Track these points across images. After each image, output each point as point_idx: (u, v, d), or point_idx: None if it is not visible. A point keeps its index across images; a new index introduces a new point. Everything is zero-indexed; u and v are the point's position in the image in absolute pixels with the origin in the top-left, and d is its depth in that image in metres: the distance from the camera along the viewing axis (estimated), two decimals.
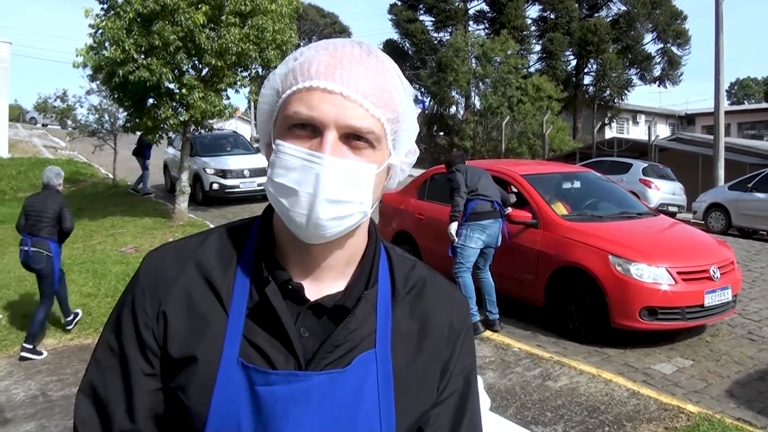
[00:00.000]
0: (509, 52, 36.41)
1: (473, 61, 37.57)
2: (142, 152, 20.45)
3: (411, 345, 1.19)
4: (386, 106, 1.08)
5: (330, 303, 1.14)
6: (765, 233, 17.67)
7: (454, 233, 7.86)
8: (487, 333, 8.00)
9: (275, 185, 1.07)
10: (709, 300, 7.51)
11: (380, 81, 1.08)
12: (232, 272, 1.16)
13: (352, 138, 1.06)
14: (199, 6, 13.49)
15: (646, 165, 21.67)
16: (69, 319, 8.51)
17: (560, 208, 8.72)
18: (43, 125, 46.37)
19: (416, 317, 1.21)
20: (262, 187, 18.58)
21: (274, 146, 1.09)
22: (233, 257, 1.18)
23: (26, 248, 7.79)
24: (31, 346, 7.66)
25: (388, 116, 1.09)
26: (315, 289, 1.15)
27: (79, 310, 8.73)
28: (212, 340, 1.11)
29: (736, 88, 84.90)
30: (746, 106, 57.87)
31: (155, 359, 1.14)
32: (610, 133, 42.15)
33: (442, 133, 42.70)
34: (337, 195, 1.04)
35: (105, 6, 14.43)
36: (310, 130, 1.05)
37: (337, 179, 1.04)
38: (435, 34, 46.49)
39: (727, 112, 27.64)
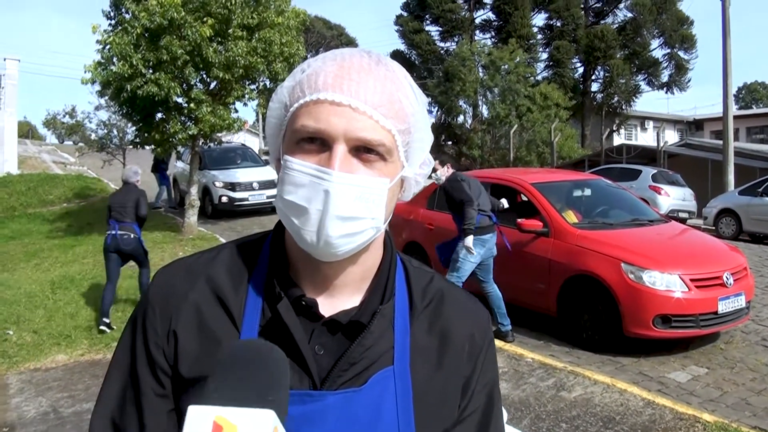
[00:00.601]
0: (517, 60, 36.39)
1: (480, 70, 37.60)
2: (158, 168, 20.58)
3: (431, 361, 1.15)
4: (397, 116, 1.05)
5: (345, 319, 1.10)
6: None
7: (472, 246, 7.81)
8: (500, 343, 7.95)
9: (285, 202, 1.05)
10: (723, 307, 7.45)
11: (390, 91, 1.05)
12: (244, 289, 1.13)
13: (363, 151, 1.03)
14: (206, 20, 13.55)
15: (656, 171, 21.63)
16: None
17: (571, 216, 8.68)
18: (74, 143, 46.21)
19: (435, 332, 1.17)
20: (271, 200, 18.63)
21: (282, 162, 1.07)
22: (245, 274, 1.15)
23: (114, 232, 9.31)
24: None
25: (399, 127, 1.05)
26: (329, 305, 1.12)
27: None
28: None
29: (744, 92, 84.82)
30: (755, 110, 57.79)
31: (166, 379, 1.11)
32: (618, 140, 42.16)
33: (450, 143, 42.71)
34: (347, 212, 1.02)
35: (113, 22, 14.58)
36: (319, 143, 1.03)
37: (348, 195, 1.01)
38: (441, 44, 46.68)
39: (735, 117, 27.61)
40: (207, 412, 0.82)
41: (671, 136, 43.40)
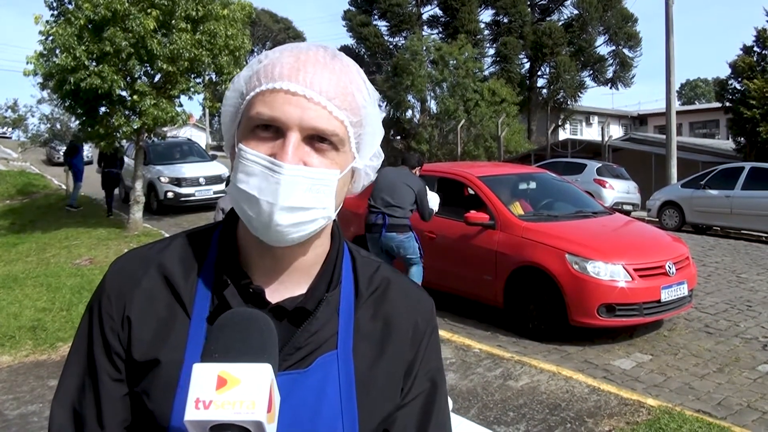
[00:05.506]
0: (465, 55, 36.48)
1: (428, 65, 37.63)
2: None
3: (374, 346, 1.18)
4: (350, 109, 1.08)
5: (291, 305, 1.13)
6: (718, 229, 17.97)
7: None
8: (448, 335, 7.98)
9: (237, 190, 1.07)
10: (666, 295, 7.59)
11: (344, 84, 1.09)
12: (194, 276, 1.16)
13: (316, 140, 1.06)
14: (149, 11, 13.34)
15: (600, 165, 21.95)
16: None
17: (518, 209, 8.76)
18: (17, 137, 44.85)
19: (380, 318, 1.20)
20: (217, 195, 18.47)
21: (236, 150, 1.08)
22: (196, 261, 1.18)
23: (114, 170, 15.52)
24: None
25: (351, 119, 1.09)
26: (277, 292, 1.15)
27: None
28: (175, 344, 1.11)
29: (686, 88, 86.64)
30: (697, 105, 59.07)
31: (121, 363, 1.14)
32: (563, 135, 42.61)
33: (398, 137, 42.75)
34: (297, 202, 1.04)
35: (55, 12, 14.25)
36: (273, 131, 1.05)
37: (298, 187, 1.04)
38: (390, 39, 46.59)
39: (678, 112, 28.15)
40: (211, 368, 0.88)
41: (616, 131, 44.14)
